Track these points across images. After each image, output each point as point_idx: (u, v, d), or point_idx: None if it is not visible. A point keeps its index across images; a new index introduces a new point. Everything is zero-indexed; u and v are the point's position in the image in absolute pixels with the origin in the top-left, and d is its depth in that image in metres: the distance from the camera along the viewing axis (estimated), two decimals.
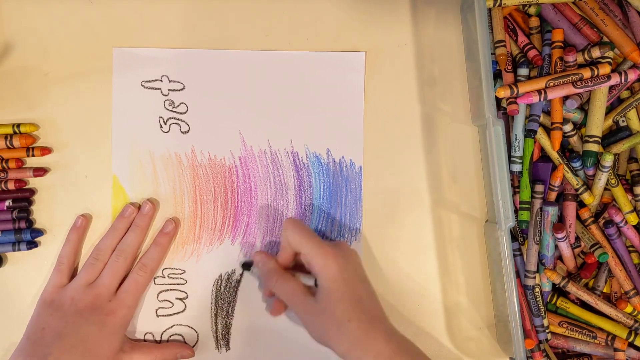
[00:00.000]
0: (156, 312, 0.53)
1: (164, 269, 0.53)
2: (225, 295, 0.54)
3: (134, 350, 0.50)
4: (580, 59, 0.50)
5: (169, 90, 0.53)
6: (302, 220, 0.51)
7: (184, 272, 0.53)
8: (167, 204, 0.53)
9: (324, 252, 0.46)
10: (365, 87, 0.54)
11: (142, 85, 0.53)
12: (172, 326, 0.53)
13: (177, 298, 0.53)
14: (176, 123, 0.53)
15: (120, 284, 0.51)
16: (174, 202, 0.54)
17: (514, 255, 0.51)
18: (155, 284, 0.53)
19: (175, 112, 0.53)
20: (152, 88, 0.53)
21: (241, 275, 0.54)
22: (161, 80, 0.53)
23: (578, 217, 0.51)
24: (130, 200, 0.53)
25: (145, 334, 0.53)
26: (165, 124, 0.53)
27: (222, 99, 0.54)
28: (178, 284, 0.53)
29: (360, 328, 0.44)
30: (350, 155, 0.54)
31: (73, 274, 0.52)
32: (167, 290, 0.53)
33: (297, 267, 0.51)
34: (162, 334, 0.53)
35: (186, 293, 0.53)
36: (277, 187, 0.54)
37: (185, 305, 0.53)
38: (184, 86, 0.53)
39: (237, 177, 0.54)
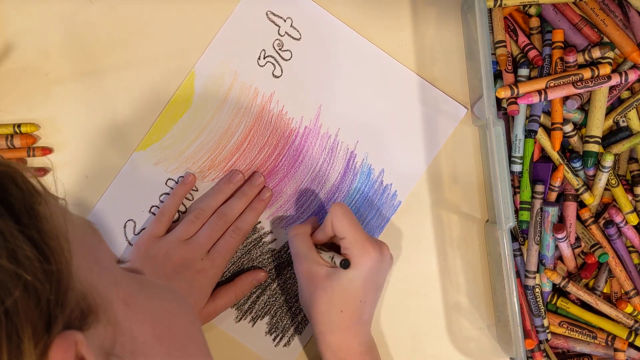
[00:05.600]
0: (151, 208, 0.54)
1: (179, 177, 0.54)
2: None
3: (215, 298, 0.51)
4: (580, 59, 0.50)
5: (285, 32, 0.53)
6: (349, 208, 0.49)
7: (197, 190, 0.54)
8: (221, 124, 0.54)
9: (365, 248, 0.46)
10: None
11: (266, 14, 0.54)
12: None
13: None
14: (273, 64, 0.54)
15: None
16: (228, 128, 0.54)
17: (514, 256, 0.51)
18: (166, 184, 0.54)
19: (278, 54, 0.54)
20: (273, 22, 0.54)
21: None
22: (285, 20, 0.54)
23: (578, 217, 0.51)
24: (192, 98, 0.54)
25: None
26: (263, 58, 0.54)
27: (324, 69, 0.54)
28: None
29: (346, 322, 0.46)
30: (397, 187, 0.54)
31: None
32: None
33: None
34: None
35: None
36: (319, 172, 0.54)
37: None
38: (301, 37, 0.54)
39: (292, 142, 0.54)
